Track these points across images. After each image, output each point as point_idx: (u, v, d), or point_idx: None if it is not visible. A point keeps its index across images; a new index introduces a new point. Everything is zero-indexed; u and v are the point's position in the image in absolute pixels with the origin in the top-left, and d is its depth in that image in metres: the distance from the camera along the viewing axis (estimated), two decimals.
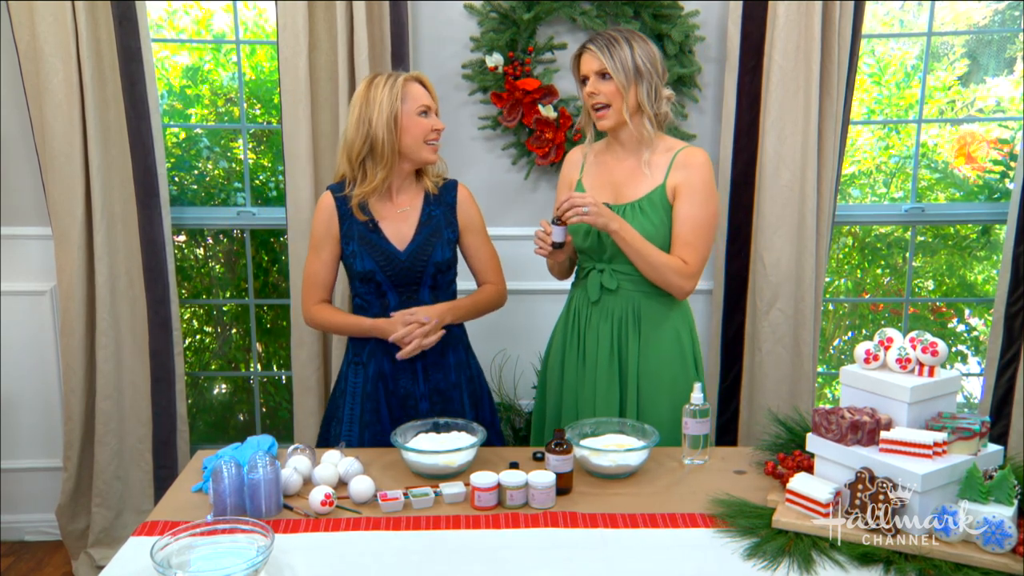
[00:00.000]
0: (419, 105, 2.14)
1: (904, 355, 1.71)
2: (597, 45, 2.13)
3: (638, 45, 2.14)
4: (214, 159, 3.44)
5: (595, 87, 2.15)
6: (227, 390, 3.76)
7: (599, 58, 2.12)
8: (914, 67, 3.51)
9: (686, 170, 2.16)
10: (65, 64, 2.75)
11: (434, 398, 2.25)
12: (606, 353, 2.23)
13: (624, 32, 2.16)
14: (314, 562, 1.61)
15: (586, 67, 2.16)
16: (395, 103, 2.11)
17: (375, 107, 2.11)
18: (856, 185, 3.60)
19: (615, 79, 2.12)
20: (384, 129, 2.10)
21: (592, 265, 2.25)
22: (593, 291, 2.23)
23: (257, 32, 3.38)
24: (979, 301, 3.55)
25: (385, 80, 2.13)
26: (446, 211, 2.24)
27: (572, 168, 2.35)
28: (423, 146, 2.16)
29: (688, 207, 2.15)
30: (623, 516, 1.77)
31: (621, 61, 2.12)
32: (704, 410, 1.99)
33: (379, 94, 2.11)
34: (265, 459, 1.77)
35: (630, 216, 2.17)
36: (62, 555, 3.15)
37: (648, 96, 2.15)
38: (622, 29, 2.19)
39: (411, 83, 2.15)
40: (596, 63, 2.14)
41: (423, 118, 2.15)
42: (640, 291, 2.20)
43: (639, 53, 2.13)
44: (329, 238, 2.23)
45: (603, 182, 2.25)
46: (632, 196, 2.19)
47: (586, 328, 2.27)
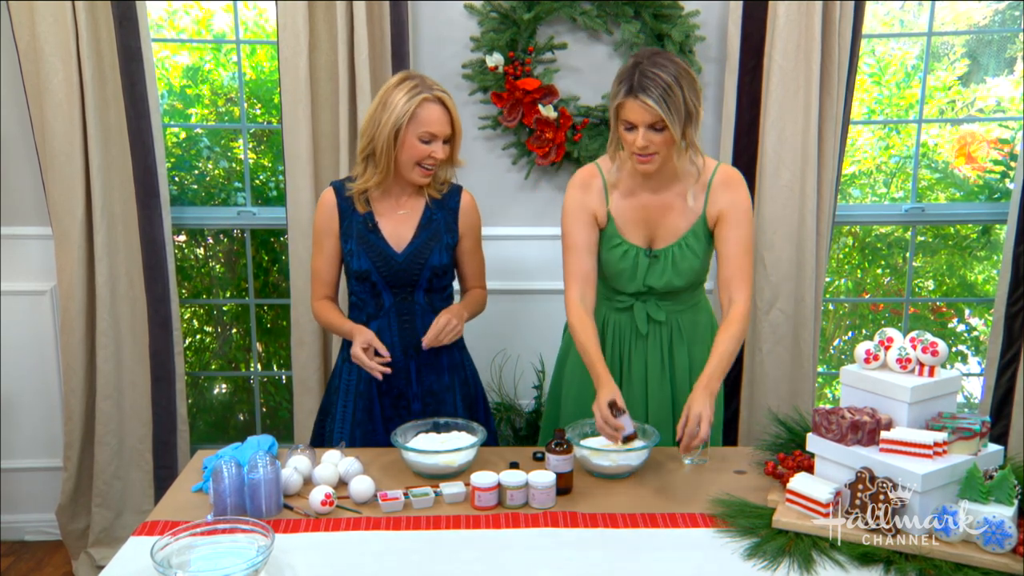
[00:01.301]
0: (423, 131, 2.09)
1: (904, 355, 1.71)
2: (652, 96, 1.89)
3: (686, 82, 1.93)
4: (214, 159, 3.44)
5: (648, 139, 1.95)
6: (227, 390, 3.76)
7: (656, 112, 1.90)
8: (914, 67, 3.51)
9: (729, 193, 2.07)
10: (65, 64, 2.75)
11: (427, 399, 2.25)
12: (656, 372, 2.19)
13: (670, 69, 1.93)
14: (314, 562, 1.61)
15: (636, 117, 1.93)
16: (402, 119, 2.07)
17: (386, 113, 2.08)
18: (856, 185, 3.60)
19: (671, 130, 1.93)
20: (386, 139, 2.09)
21: (633, 301, 2.18)
22: (642, 324, 2.17)
23: (257, 32, 3.38)
24: (979, 301, 3.55)
25: (409, 90, 2.08)
26: (447, 216, 2.24)
27: (593, 197, 2.13)
28: (415, 168, 2.13)
29: (736, 231, 2.06)
30: (623, 516, 1.77)
31: (676, 109, 1.92)
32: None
33: (395, 100, 2.07)
34: (265, 459, 1.77)
35: (677, 257, 2.10)
36: (62, 555, 3.15)
37: (696, 130, 2.00)
38: (666, 64, 1.93)
39: (428, 105, 2.09)
40: (650, 116, 1.92)
41: (423, 145, 2.10)
42: (680, 310, 2.18)
43: (688, 93, 1.93)
44: (329, 234, 2.23)
45: (637, 219, 2.12)
46: (674, 235, 2.10)
47: (631, 353, 2.20)
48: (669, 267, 2.11)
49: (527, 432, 3.04)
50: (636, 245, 2.12)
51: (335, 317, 2.25)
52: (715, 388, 1.92)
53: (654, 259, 2.12)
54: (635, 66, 1.94)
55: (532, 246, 3.02)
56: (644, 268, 2.12)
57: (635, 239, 2.12)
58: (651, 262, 2.12)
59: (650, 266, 2.12)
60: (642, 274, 2.13)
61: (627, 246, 2.12)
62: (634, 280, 2.14)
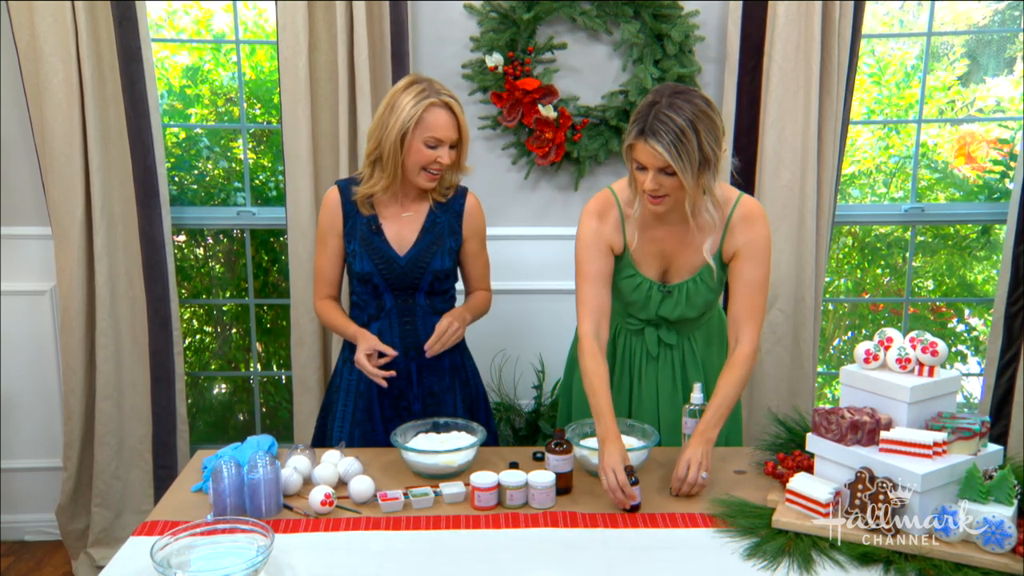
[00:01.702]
0: (429, 136, 2.08)
1: (904, 355, 1.71)
2: (663, 143, 1.80)
3: (703, 126, 1.82)
4: (214, 159, 3.44)
5: (658, 181, 1.86)
6: (227, 390, 3.76)
7: (664, 157, 1.82)
8: (914, 67, 3.51)
9: (748, 230, 2.00)
10: (65, 64, 2.75)
11: (427, 400, 2.25)
12: (668, 390, 2.18)
13: (686, 112, 1.81)
14: (314, 562, 1.61)
15: (646, 159, 1.86)
16: (408, 123, 2.06)
17: (394, 116, 2.07)
18: (856, 185, 3.60)
19: (681, 178, 1.84)
20: (392, 143, 2.08)
21: (644, 325, 2.17)
22: (652, 347, 2.17)
23: (257, 32, 3.38)
24: (979, 301, 3.55)
25: (416, 94, 2.07)
26: (452, 219, 2.23)
27: (610, 228, 2.05)
28: (421, 173, 2.13)
29: (752, 269, 2.00)
30: (623, 516, 1.77)
31: (688, 156, 1.82)
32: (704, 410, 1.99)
33: (403, 104, 2.07)
34: (265, 459, 1.77)
35: (691, 292, 2.06)
36: (62, 555, 3.15)
37: (713, 178, 1.90)
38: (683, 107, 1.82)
39: (434, 109, 2.07)
40: (659, 160, 1.83)
41: (429, 150, 2.10)
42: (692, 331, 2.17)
43: (705, 138, 1.82)
44: (333, 234, 2.23)
45: (652, 252, 2.07)
46: (689, 271, 2.06)
47: (643, 370, 2.19)
48: (683, 301, 2.08)
49: (527, 432, 3.04)
50: (650, 279, 2.08)
51: (339, 319, 2.25)
52: (712, 437, 1.88)
53: (667, 294, 2.09)
54: (651, 106, 1.85)
55: (532, 246, 3.02)
56: (657, 301, 2.10)
57: (649, 272, 2.08)
58: (664, 296, 2.09)
59: (663, 300, 2.10)
60: (655, 306, 2.11)
61: (640, 279, 2.08)
62: (646, 310, 2.12)
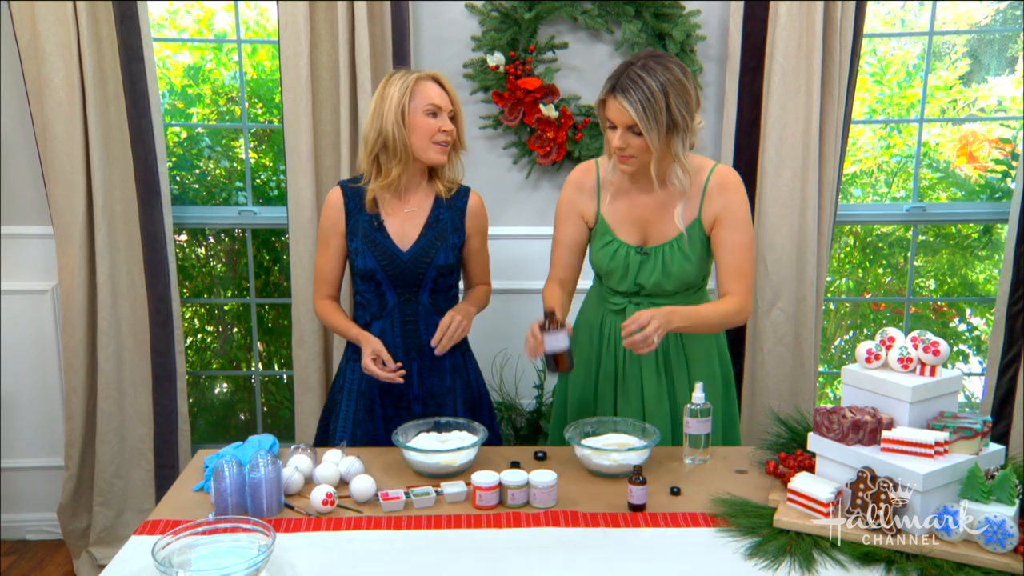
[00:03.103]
0: (427, 104, 2.12)
1: (905, 354, 1.71)
2: (630, 99, 1.89)
3: (674, 91, 1.90)
4: (215, 158, 3.44)
5: (624, 140, 1.94)
6: (228, 389, 3.77)
7: (631, 115, 1.90)
8: (915, 66, 3.50)
9: (724, 196, 2.05)
10: (66, 63, 2.75)
11: (427, 400, 2.25)
12: (653, 382, 2.18)
13: (659, 76, 1.90)
14: (315, 561, 1.61)
15: (614, 116, 1.94)
16: (403, 100, 2.10)
17: (387, 103, 2.11)
18: (857, 184, 3.60)
19: (647, 138, 1.92)
20: (394, 125, 2.10)
21: (626, 303, 2.17)
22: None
23: (258, 31, 3.38)
24: (980, 301, 3.55)
25: (400, 76, 2.14)
26: (455, 216, 2.23)
27: (584, 197, 2.16)
28: (430, 146, 2.14)
29: (731, 234, 2.05)
30: (623, 516, 1.77)
31: (655, 117, 1.89)
32: (705, 409, 1.99)
33: (392, 90, 2.12)
34: (266, 458, 1.77)
35: (667, 257, 2.08)
36: (63, 554, 3.15)
37: (682, 143, 1.96)
38: (656, 69, 1.91)
39: (424, 82, 2.14)
40: (627, 117, 1.91)
41: (431, 119, 2.13)
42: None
43: (675, 102, 1.91)
44: (335, 233, 2.23)
45: (628, 219, 2.11)
46: (667, 235, 2.08)
47: (627, 360, 2.19)
48: (659, 267, 2.10)
49: (528, 432, 3.05)
50: (628, 243, 2.12)
51: (340, 320, 2.25)
52: (672, 318, 1.93)
53: (644, 256, 2.11)
54: (627, 66, 1.94)
55: (533, 245, 3.02)
56: (635, 266, 2.11)
57: (628, 238, 2.12)
58: (642, 260, 2.11)
59: (641, 264, 2.11)
60: (633, 272, 2.12)
61: (618, 244, 2.12)
62: (625, 279, 2.13)
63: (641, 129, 1.91)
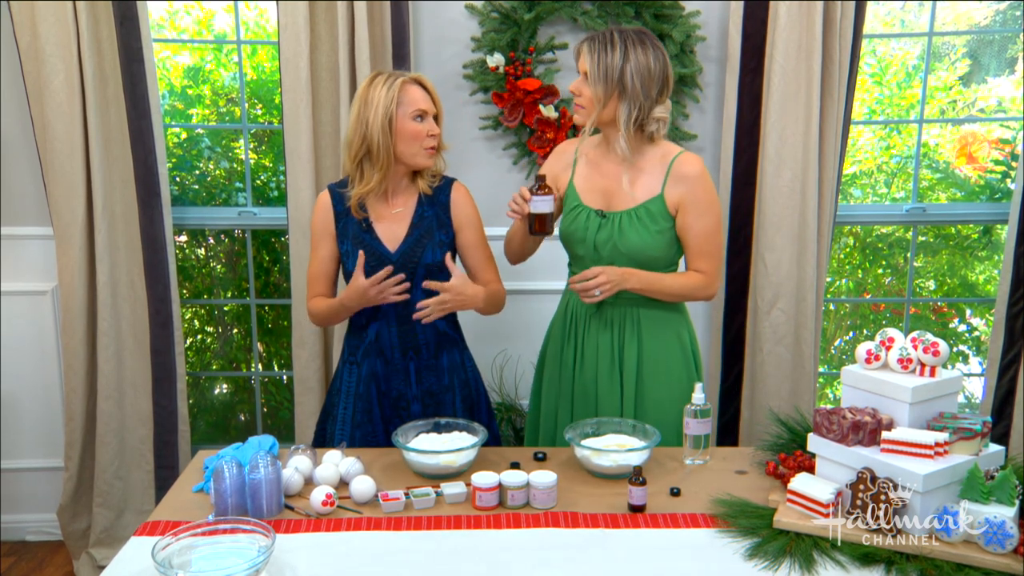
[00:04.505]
0: (415, 109, 2.10)
1: (905, 355, 1.71)
2: (591, 47, 2.03)
3: (635, 56, 2.01)
4: (215, 159, 3.45)
5: (578, 87, 2.08)
6: (228, 390, 3.77)
7: (583, 62, 2.05)
8: (915, 67, 3.50)
9: (685, 183, 2.10)
10: (66, 64, 2.76)
11: (426, 400, 2.24)
12: (607, 360, 2.21)
13: (630, 37, 2.03)
14: (315, 562, 1.61)
15: (580, 63, 2.08)
16: (390, 106, 2.08)
17: (372, 108, 2.09)
18: (857, 185, 3.60)
19: (591, 89, 2.04)
20: (380, 132, 2.08)
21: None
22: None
23: (258, 32, 3.38)
24: (980, 301, 3.55)
25: (384, 80, 2.11)
26: (439, 212, 2.22)
27: (561, 164, 2.26)
28: (420, 152, 2.13)
29: (695, 219, 2.11)
30: (624, 516, 1.77)
31: (606, 70, 2.01)
32: (705, 410, 1.99)
33: (376, 95, 2.09)
34: (266, 459, 1.77)
35: (627, 224, 2.12)
36: (63, 555, 3.15)
37: (628, 114, 2.04)
38: (631, 32, 2.05)
39: (409, 85, 2.12)
40: (582, 64, 2.06)
41: (418, 123, 2.11)
42: (639, 298, 2.17)
43: (631, 67, 2.01)
44: (326, 236, 2.23)
45: (593, 186, 2.19)
46: (627, 203, 2.14)
47: (585, 334, 2.24)
48: (616, 232, 2.13)
49: None
50: (589, 208, 2.18)
51: (327, 301, 2.23)
52: (627, 277, 2.06)
53: (603, 219, 2.15)
54: (613, 28, 2.07)
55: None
56: (594, 228, 2.15)
57: (591, 203, 2.18)
58: (600, 222, 2.15)
59: (600, 227, 2.14)
60: (592, 235, 2.15)
61: (581, 208, 2.18)
62: (584, 242, 2.17)
63: (588, 73, 2.03)
